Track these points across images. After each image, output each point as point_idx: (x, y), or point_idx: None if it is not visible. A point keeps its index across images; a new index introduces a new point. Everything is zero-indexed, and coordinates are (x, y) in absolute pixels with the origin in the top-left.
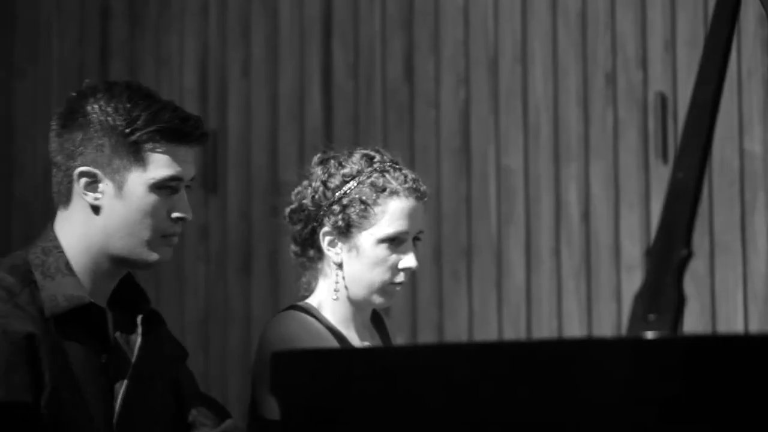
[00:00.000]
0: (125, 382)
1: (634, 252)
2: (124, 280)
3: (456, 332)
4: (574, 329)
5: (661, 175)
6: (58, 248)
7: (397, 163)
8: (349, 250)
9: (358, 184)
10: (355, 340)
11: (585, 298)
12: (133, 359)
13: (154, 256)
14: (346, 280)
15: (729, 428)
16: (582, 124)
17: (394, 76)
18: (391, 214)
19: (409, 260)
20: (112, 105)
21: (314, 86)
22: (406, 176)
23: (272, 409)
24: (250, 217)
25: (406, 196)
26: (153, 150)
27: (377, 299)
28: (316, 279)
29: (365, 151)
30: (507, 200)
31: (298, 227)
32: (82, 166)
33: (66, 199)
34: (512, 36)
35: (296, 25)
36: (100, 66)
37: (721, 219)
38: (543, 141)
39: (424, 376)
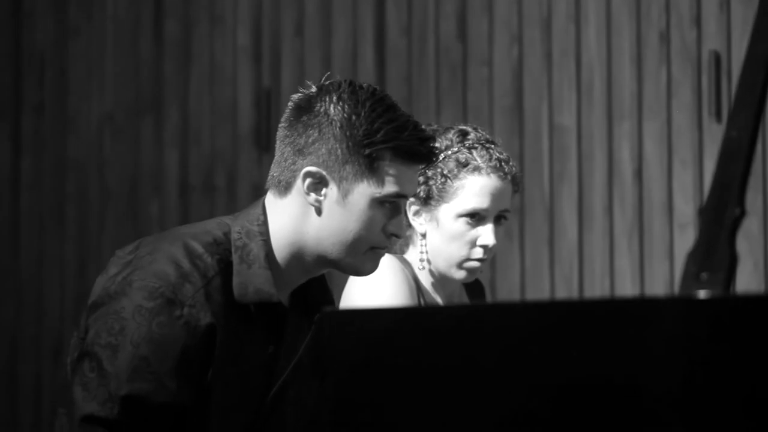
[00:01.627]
0: (283, 377)
1: (686, 210)
2: (314, 279)
3: (508, 290)
4: (627, 288)
5: (715, 134)
6: (264, 235)
7: (491, 142)
8: (430, 222)
9: (444, 158)
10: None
11: (637, 256)
12: (298, 355)
13: (365, 267)
14: (429, 250)
15: None
16: (635, 82)
17: (447, 35)
18: (470, 189)
19: (486, 237)
20: (356, 111)
21: (367, 45)
22: (492, 155)
23: None
24: None
25: (488, 174)
26: (387, 166)
27: (457, 274)
28: (407, 245)
29: (462, 127)
30: (560, 158)
31: None
32: (312, 166)
33: (285, 189)
34: None
35: None
36: (154, 24)
37: None
38: (596, 99)
39: (476, 336)
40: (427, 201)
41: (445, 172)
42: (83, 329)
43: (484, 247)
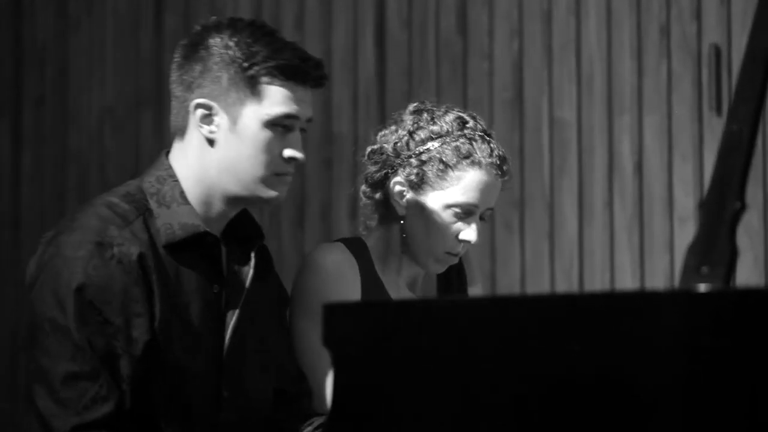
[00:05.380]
0: (236, 311)
1: (687, 204)
2: (238, 214)
3: (508, 284)
4: (627, 281)
5: (715, 127)
6: (173, 177)
7: (488, 135)
8: (415, 206)
9: (442, 144)
10: (393, 291)
11: (638, 250)
12: (245, 290)
13: (270, 193)
14: (405, 234)
15: None
16: (636, 75)
17: (448, 28)
18: (467, 183)
19: (470, 233)
20: (234, 39)
21: (368, 38)
22: (492, 150)
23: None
24: (303, 169)
25: (487, 170)
26: (270, 84)
27: (433, 266)
28: (375, 222)
29: (461, 114)
30: (560, 152)
31: (373, 169)
32: (199, 98)
33: (182, 130)
34: None
35: None
36: (154, 18)
37: None
38: (596, 93)
39: (476, 329)
40: (418, 185)
41: (444, 159)
42: (27, 311)
43: (466, 242)
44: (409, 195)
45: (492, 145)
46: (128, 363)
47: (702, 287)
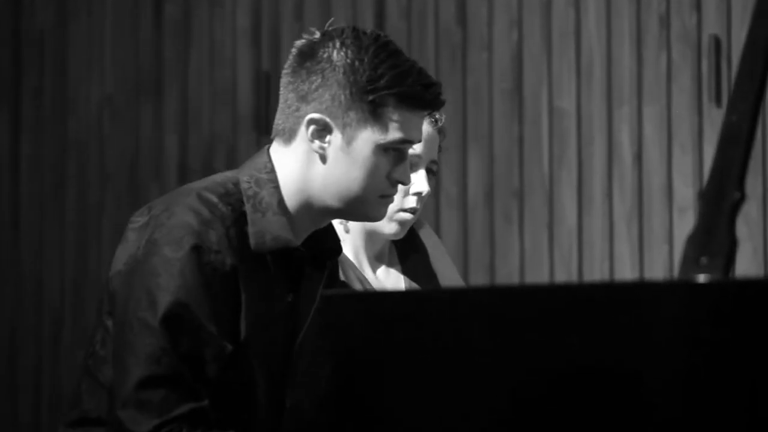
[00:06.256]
0: (307, 322)
1: (686, 194)
2: None
3: (507, 274)
4: (626, 272)
5: (714, 119)
6: (274, 182)
7: None
8: None
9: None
10: (367, 271)
11: (637, 240)
12: (315, 305)
13: (374, 214)
14: None
15: None
16: (635, 66)
17: (447, 19)
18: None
19: (420, 184)
20: (359, 57)
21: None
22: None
23: None
24: None
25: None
26: (390, 112)
27: (387, 228)
28: None
29: None
30: (559, 142)
31: None
32: (315, 112)
33: (289, 136)
34: None
35: None
36: (154, 8)
37: None
38: (596, 83)
39: (474, 319)
40: None
41: None
42: (107, 301)
43: (418, 194)
44: None
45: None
46: (215, 369)
47: (701, 278)
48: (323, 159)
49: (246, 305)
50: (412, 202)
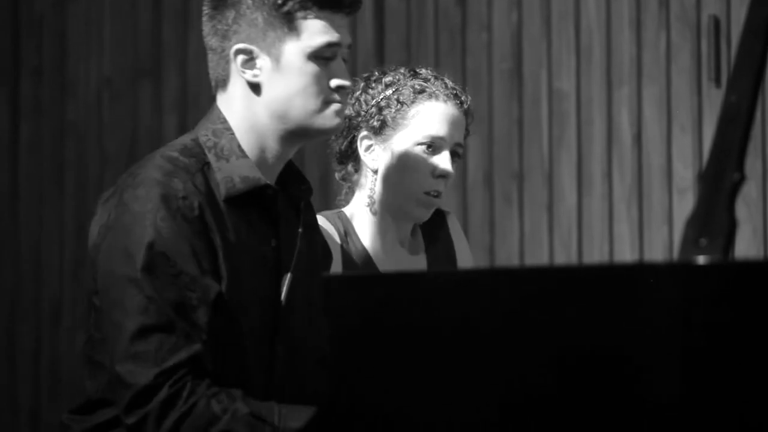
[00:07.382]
0: (291, 267)
1: (686, 175)
2: (285, 168)
3: (507, 255)
4: (626, 253)
5: (714, 99)
6: (229, 130)
7: (442, 77)
8: (384, 153)
9: (397, 89)
10: (379, 255)
11: (636, 221)
12: (297, 245)
13: (327, 123)
14: (382, 187)
15: None
16: (635, 47)
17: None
18: (427, 115)
19: (445, 164)
20: None
21: (366, 10)
22: (447, 84)
23: None
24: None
25: (445, 101)
26: (306, 17)
27: (415, 210)
28: (353, 192)
29: (411, 68)
30: (559, 123)
31: (339, 141)
32: (238, 43)
33: (224, 81)
34: None
35: None
36: None
37: None
38: (595, 64)
39: (474, 301)
40: (380, 130)
41: (400, 99)
42: (92, 279)
43: (443, 176)
44: (376, 145)
45: (446, 81)
46: (205, 313)
47: (701, 259)
48: (260, 87)
49: (224, 252)
50: (436, 184)
